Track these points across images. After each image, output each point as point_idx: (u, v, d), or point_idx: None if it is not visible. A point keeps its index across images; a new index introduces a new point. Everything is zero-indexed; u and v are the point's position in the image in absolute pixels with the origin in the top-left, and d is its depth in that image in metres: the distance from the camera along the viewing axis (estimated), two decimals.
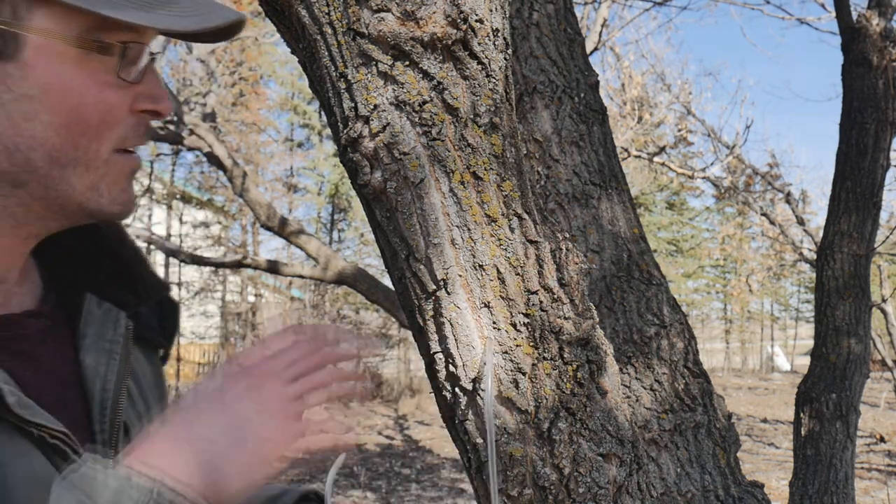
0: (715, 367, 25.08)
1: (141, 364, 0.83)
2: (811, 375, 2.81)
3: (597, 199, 1.54)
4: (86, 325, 0.76)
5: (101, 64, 0.69)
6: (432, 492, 7.97)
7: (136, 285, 0.82)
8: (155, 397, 0.83)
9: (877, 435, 10.53)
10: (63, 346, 0.75)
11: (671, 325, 1.48)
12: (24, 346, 0.71)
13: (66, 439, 0.65)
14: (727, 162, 8.61)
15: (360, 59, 0.83)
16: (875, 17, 2.79)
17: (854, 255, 2.79)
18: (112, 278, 0.81)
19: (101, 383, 0.74)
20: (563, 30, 1.60)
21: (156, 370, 0.87)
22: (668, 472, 1.38)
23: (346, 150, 0.87)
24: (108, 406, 0.73)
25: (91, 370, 0.74)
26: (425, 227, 0.84)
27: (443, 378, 0.88)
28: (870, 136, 2.78)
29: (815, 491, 2.67)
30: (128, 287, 0.81)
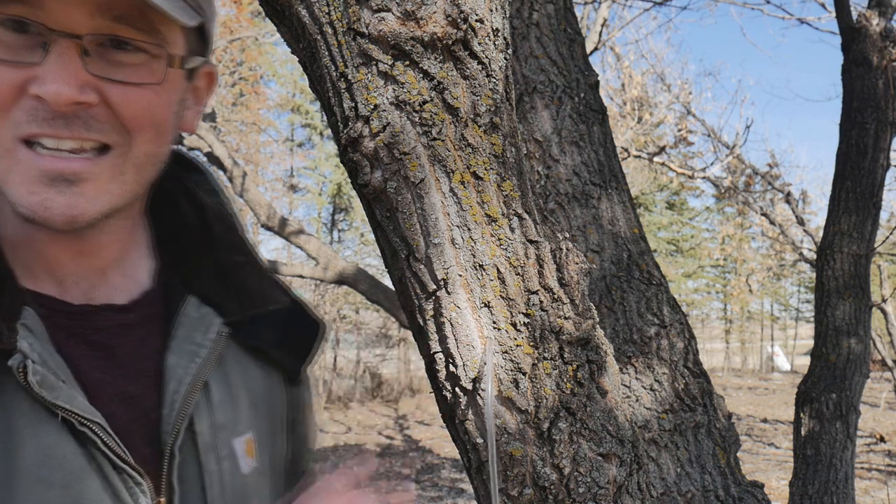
0: (715, 367, 25.08)
1: (250, 375, 0.83)
2: (811, 375, 2.81)
3: (597, 199, 1.54)
4: (178, 326, 0.77)
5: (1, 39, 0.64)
6: (432, 492, 7.97)
7: (241, 294, 0.81)
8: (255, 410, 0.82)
9: (877, 435, 10.53)
10: (149, 342, 0.75)
11: (671, 325, 1.48)
12: (99, 337, 0.72)
13: (95, 428, 0.66)
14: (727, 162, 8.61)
15: (361, 58, 0.83)
16: (875, 17, 2.79)
17: (854, 255, 2.79)
18: (218, 285, 0.81)
19: (175, 384, 0.74)
20: (563, 30, 1.60)
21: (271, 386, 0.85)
22: (668, 471, 1.38)
23: (346, 149, 0.87)
24: (177, 405, 0.73)
25: (171, 370, 0.74)
26: (425, 226, 0.84)
27: (443, 378, 0.88)
28: (870, 136, 2.78)
29: (815, 491, 2.67)
30: (232, 295, 0.81)
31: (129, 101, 0.67)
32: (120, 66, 0.67)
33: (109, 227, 0.73)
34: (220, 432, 0.77)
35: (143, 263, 0.79)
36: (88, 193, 0.67)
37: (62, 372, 0.66)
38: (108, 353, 0.73)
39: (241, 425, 0.79)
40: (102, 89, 0.66)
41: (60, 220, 0.66)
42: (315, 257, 5.48)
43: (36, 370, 0.64)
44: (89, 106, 0.66)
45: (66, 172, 0.65)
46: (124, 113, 0.67)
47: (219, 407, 0.78)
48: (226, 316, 0.80)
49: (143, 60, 0.68)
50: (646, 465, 0.92)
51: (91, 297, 0.74)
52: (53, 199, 0.65)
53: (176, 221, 0.83)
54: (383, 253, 0.93)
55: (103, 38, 0.66)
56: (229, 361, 0.80)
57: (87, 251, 0.73)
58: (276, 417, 0.87)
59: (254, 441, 0.81)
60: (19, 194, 0.65)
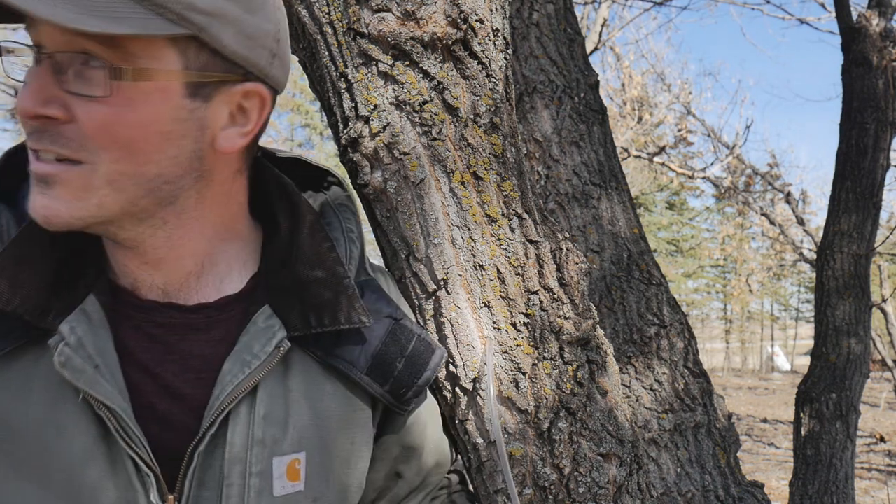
0: (715, 367, 25.08)
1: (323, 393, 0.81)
2: (811, 375, 2.81)
3: (597, 199, 1.54)
4: (244, 334, 0.78)
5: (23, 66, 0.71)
6: None
7: (312, 309, 0.81)
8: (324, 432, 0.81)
9: (877, 435, 10.53)
10: (213, 345, 0.78)
11: (671, 325, 1.48)
12: (159, 331, 0.77)
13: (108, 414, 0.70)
14: (727, 162, 8.61)
15: (361, 59, 0.83)
16: (875, 17, 2.79)
17: (854, 255, 2.79)
18: (292, 297, 0.81)
19: (220, 389, 0.75)
20: (563, 30, 1.60)
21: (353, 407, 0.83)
22: (668, 471, 1.38)
23: (346, 149, 0.87)
24: (213, 410, 0.74)
25: (222, 375, 0.76)
26: (425, 226, 0.84)
27: (443, 378, 0.88)
28: (870, 136, 2.78)
29: (815, 491, 2.67)
30: (303, 310, 0.80)
31: (88, 117, 0.68)
32: (86, 81, 0.68)
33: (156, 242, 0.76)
34: (257, 447, 0.76)
35: (238, 271, 0.82)
36: (62, 197, 0.70)
37: (101, 357, 0.71)
38: (166, 348, 0.77)
39: (286, 444, 0.78)
40: (71, 106, 0.68)
41: (40, 219, 0.70)
42: None
43: (63, 352, 0.70)
44: (55, 121, 0.68)
45: (41, 174, 0.70)
46: (85, 129, 0.68)
47: (262, 421, 0.77)
48: (290, 330, 0.79)
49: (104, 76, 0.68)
50: (646, 465, 0.92)
51: (161, 295, 0.78)
52: (37, 198, 0.70)
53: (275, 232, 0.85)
54: (383, 253, 0.93)
55: (76, 55, 0.67)
56: (296, 376, 0.80)
57: (151, 262, 0.77)
58: (355, 444, 0.84)
59: (303, 463, 0.79)
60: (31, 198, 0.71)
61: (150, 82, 0.69)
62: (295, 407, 0.79)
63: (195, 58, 0.71)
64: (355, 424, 0.83)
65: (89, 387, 0.70)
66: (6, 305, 0.70)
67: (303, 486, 0.79)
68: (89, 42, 0.67)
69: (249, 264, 0.83)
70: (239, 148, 0.77)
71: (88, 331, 0.72)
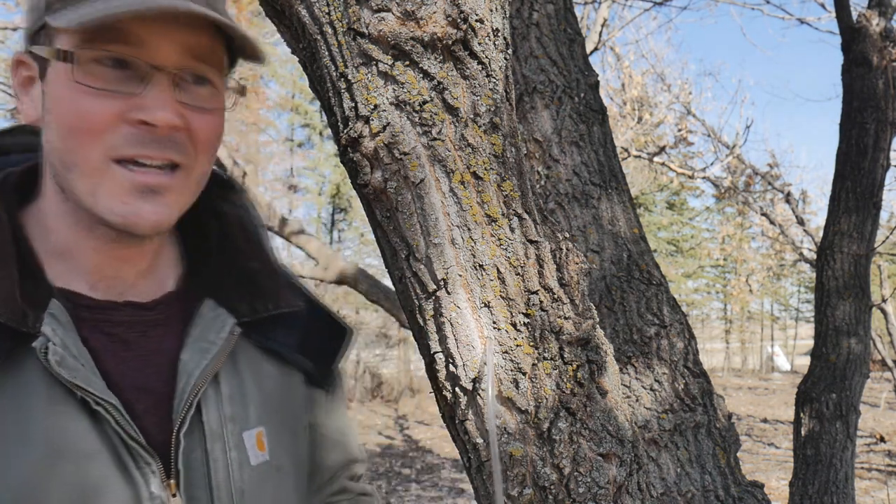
0: (715, 367, 25.09)
1: (264, 373, 0.88)
2: (811, 375, 2.81)
3: (597, 199, 1.54)
4: (194, 326, 0.84)
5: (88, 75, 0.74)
6: (432, 492, 7.97)
7: (255, 296, 0.88)
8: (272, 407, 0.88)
9: (877, 435, 10.53)
10: (166, 340, 0.82)
11: (671, 325, 1.48)
12: (119, 330, 0.80)
13: (109, 408, 0.72)
14: (727, 162, 8.61)
15: (361, 58, 0.83)
16: (875, 17, 2.79)
17: (854, 255, 2.79)
18: (234, 288, 0.88)
19: (187, 377, 0.80)
20: (563, 30, 1.60)
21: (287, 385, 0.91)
22: (668, 471, 1.38)
23: (346, 149, 0.87)
24: (186, 396, 0.79)
25: (184, 365, 0.81)
26: (425, 226, 0.84)
27: (443, 378, 0.88)
28: (870, 136, 2.78)
29: (815, 491, 2.67)
30: (246, 297, 0.88)
31: (205, 127, 0.79)
32: (197, 96, 0.78)
33: (156, 238, 0.82)
34: (229, 424, 0.82)
35: (171, 270, 0.88)
36: (169, 203, 0.77)
37: (83, 358, 0.74)
38: (127, 346, 0.80)
39: (251, 419, 0.85)
40: (186, 116, 0.77)
41: (148, 226, 0.76)
42: (315, 258, 5.48)
43: (56, 351, 0.71)
44: (179, 130, 0.76)
45: (153, 185, 0.75)
46: (200, 136, 0.78)
47: (228, 400, 0.83)
48: (238, 317, 0.86)
49: (212, 91, 0.80)
50: (646, 465, 0.93)
51: (118, 295, 0.82)
52: (143, 207, 0.75)
53: (199, 232, 0.91)
54: (383, 253, 0.93)
55: (187, 72, 0.77)
56: (242, 360, 0.87)
57: (129, 258, 0.82)
58: (296, 418, 0.92)
59: (264, 435, 0.86)
60: (112, 204, 0.75)
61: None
62: (248, 386, 0.86)
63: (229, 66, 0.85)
64: (294, 401, 0.92)
65: (87, 384, 0.72)
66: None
67: (268, 455, 0.86)
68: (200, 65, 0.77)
69: (176, 263, 0.89)
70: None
71: (64, 333, 0.74)
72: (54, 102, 0.75)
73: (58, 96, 0.75)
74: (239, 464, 0.82)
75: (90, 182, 0.75)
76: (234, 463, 0.82)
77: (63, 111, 0.74)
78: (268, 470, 0.85)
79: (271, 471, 0.86)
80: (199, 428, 0.80)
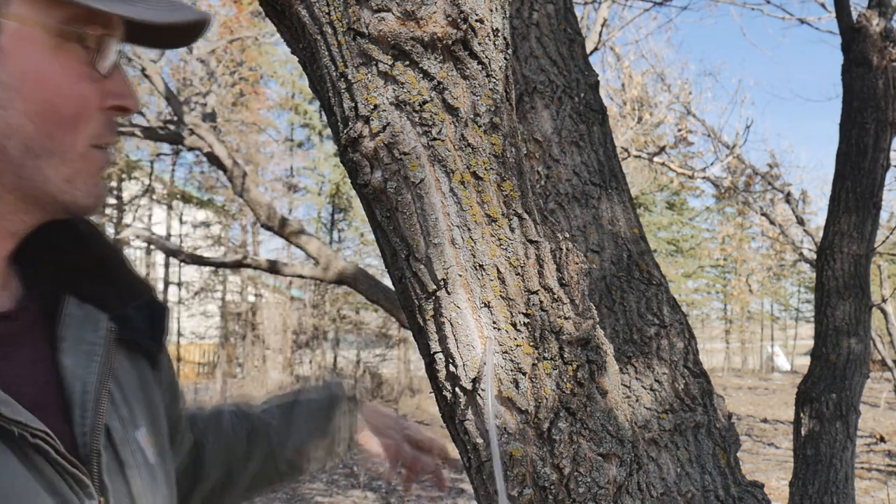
0: (715, 367, 25.08)
1: (124, 368, 0.82)
2: (811, 375, 2.81)
3: (597, 199, 1.54)
4: (64, 327, 0.75)
5: (77, 56, 0.69)
6: (432, 492, 7.96)
7: (117, 287, 0.81)
8: (140, 402, 0.82)
9: (877, 435, 10.53)
10: (39, 347, 0.74)
11: (671, 325, 1.48)
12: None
13: (47, 438, 0.65)
14: (727, 162, 8.60)
15: (361, 58, 0.83)
16: (875, 17, 2.78)
17: (854, 255, 2.79)
18: (93, 280, 0.80)
19: (81, 385, 0.73)
20: (563, 30, 1.60)
21: (141, 375, 0.85)
22: (668, 472, 1.38)
23: (346, 149, 0.87)
24: (90, 408, 0.72)
25: (70, 372, 0.73)
26: (425, 227, 0.84)
27: (443, 378, 0.88)
28: (870, 136, 2.78)
29: (815, 491, 2.67)
30: (109, 289, 0.80)
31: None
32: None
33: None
34: (128, 426, 0.77)
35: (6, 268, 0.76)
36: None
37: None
38: (9, 363, 0.70)
39: (137, 418, 0.80)
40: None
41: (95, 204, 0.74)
42: (315, 257, 5.48)
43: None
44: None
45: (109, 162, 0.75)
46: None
47: (119, 403, 0.78)
48: (108, 310, 0.79)
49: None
50: (646, 465, 0.92)
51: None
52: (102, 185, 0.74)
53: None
54: (383, 253, 0.93)
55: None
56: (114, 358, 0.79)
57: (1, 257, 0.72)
58: (154, 404, 0.86)
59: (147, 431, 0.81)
60: (87, 188, 0.72)
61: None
62: (125, 384, 0.80)
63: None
64: (150, 388, 0.86)
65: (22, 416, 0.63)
66: None
67: (155, 450, 0.82)
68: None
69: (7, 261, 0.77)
70: None
71: None
72: (21, 79, 0.66)
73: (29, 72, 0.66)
74: (144, 465, 0.77)
75: (72, 168, 0.70)
76: (142, 466, 0.77)
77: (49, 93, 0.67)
78: (159, 465, 0.81)
79: (161, 465, 0.82)
80: (108, 436, 0.74)
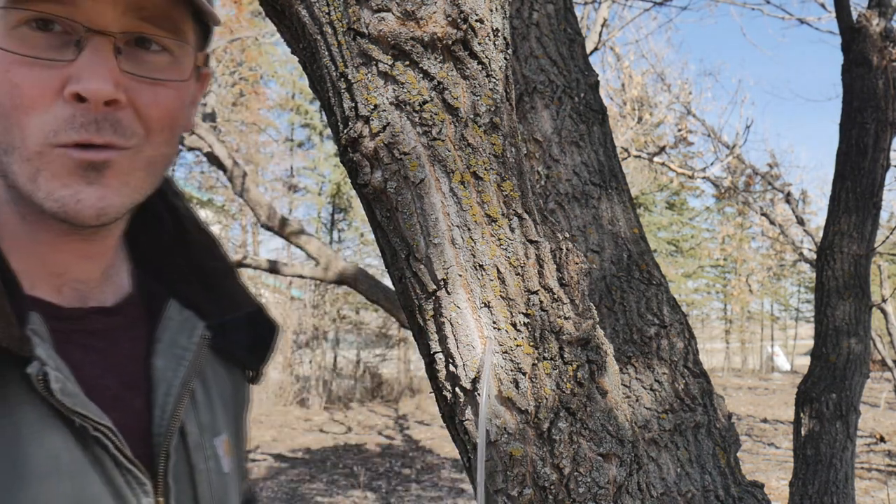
0: (715, 367, 25.08)
1: (219, 376, 0.84)
2: (811, 375, 2.81)
3: (597, 199, 1.54)
4: (163, 330, 0.77)
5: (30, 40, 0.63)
6: (432, 492, 7.97)
7: (216, 297, 0.83)
8: (226, 411, 0.84)
9: (877, 435, 10.53)
10: (136, 345, 0.76)
11: (671, 325, 1.48)
12: (89, 340, 0.72)
13: (108, 433, 0.66)
14: (727, 162, 8.61)
15: (361, 58, 0.83)
16: (875, 17, 2.79)
17: (854, 255, 2.79)
18: (198, 288, 0.82)
19: (165, 387, 0.75)
20: (563, 30, 1.60)
21: (237, 386, 0.88)
22: (668, 471, 1.38)
23: (346, 149, 0.87)
24: (169, 410, 0.74)
25: (159, 373, 0.75)
26: (425, 226, 0.84)
27: (443, 378, 0.88)
28: (870, 136, 2.78)
29: (815, 491, 2.67)
30: (211, 298, 0.83)
31: (155, 102, 0.67)
32: (148, 65, 0.67)
33: (115, 230, 0.74)
34: (205, 432, 0.79)
35: (124, 266, 0.79)
36: (113, 185, 0.66)
37: (70, 378, 0.66)
38: (101, 356, 0.73)
39: (218, 426, 0.82)
40: (129, 89, 0.66)
41: (91, 213, 0.66)
42: (316, 258, 5.48)
43: (58, 378, 0.63)
44: (119, 107, 0.65)
45: (96, 161, 0.65)
46: (148, 113, 0.67)
47: (202, 408, 0.79)
48: (206, 319, 0.81)
49: (168, 60, 0.68)
50: (646, 465, 0.92)
51: (83, 300, 0.73)
52: (84, 190, 0.65)
53: (148, 222, 0.82)
54: (383, 253, 0.93)
55: (132, 36, 0.66)
56: (204, 364, 0.82)
57: (93, 254, 0.73)
58: (241, 418, 0.89)
59: (229, 441, 0.83)
60: (51, 188, 0.65)
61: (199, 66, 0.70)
62: (212, 391, 0.82)
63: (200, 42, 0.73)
64: (240, 399, 0.88)
65: (85, 409, 0.65)
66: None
67: (233, 461, 0.83)
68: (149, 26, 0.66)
69: (125, 260, 0.81)
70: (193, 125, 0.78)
71: (48, 352, 0.65)
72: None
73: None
74: (216, 473, 0.79)
75: (30, 167, 0.64)
76: (213, 473, 0.78)
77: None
78: (233, 476, 0.82)
79: (236, 476, 0.83)
80: (183, 438, 0.75)
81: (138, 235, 0.82)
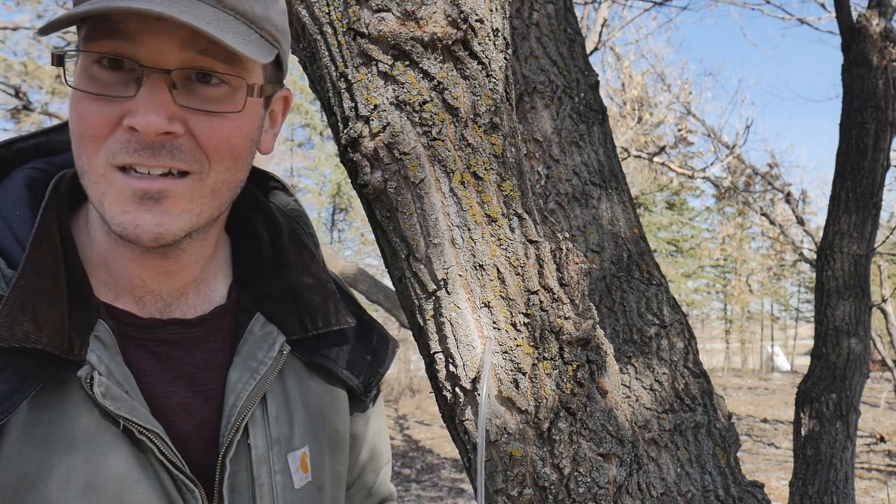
0: (715, 367, 25.07)
1: (310, 391, 0.87)
2: (811, 375, 2.81)
3: (597, 199, 1.54)
4: (243, 343, 0.82)
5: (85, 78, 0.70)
6: (432, 492, 7.96)
7: (310, 314, 0.86)
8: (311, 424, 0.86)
9: (877, 435, 10.52)
10: (214, 356, 0.80)
11: (671, 325, 1.48)
12: (164, 349, 0.78)
13: (153, 437, 0.71)
14: (727, 162, 8.61)
15: (361, 59, 0.83)
16: (875, 17, 2.79)
17: (854, 255, 2.79)
18: (287, 304, 0.86)
19: (234, 398, 0.78)
20: (563, 30, 1.60)
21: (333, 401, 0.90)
22: (668, 471, 1.38)
23: (346, 149, 0.87)
24: (233, 421, 0.77)
25: (231, 385, 0.79)
26: (425, 226, 0.84)
27: (443, 378, 0.88)
28: (870, 136, 2.78)
29: (815, 491, 2.67)
30: (299, 315, 0.86)
31: (211, 132, 0.72)
32: (204, 98, 0.72)
33: (192, 248, 0.79)
34: (275, 447, 0.81)
35: (221, 280, 0.85)
36: (172, 211, 0.72)
37: (127, 383, 0.72)
38: (173, 364, 0.78)
39: (296, 440, 0.84)
40: (188, 120, 0.71)
41: (148, 237, 0.71)
42: None
43: (101, 382, 0.69)
44: (175, 136, 0.70)
45: (152, 190, 0.70)
46: (206, 143, 0.72)
47: (275, 421, 0.82)
48: (288, 334, 0.84)
49: (226, 92, 0.73)
50: (646, 465, 0.92)
51: (164, 312, 0.79)
52: (142, 216, 0.71)
53: (252, 241, 0.88)
54: (383, 253, 0.93)
55: (189, 71, 0.71)
56: (289, 377, 0.85)
57: (171, 271, 0.79)
58: (339, 434, 0.91)
59: (308, 456, 0.85)
60: (113, 213, 0.70)
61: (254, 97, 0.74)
62: (293, 405, 0.84)
63: (270, 70, 0.78)
64: (337, 417, 0.90)
65: (131, 413, 0.70)
66: (35, 343, 0.67)
67: (311, 476, 0.84)
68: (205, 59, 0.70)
69: (226, 273, 0.86)
70: (271, 149, 0.81)
71: (109, 357, 0.71)
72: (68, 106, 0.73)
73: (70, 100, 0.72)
74: (283, 487, 0.80)
75: (97, 190, 0.71)
76: (279, 487, 0.80)
77: (70, 116, 0.72)
78: (311, 491, 0.84)
79: (314, 491, 0.85)
80: (246, 451, 0.78)
81: (242, 253, 0.88)
